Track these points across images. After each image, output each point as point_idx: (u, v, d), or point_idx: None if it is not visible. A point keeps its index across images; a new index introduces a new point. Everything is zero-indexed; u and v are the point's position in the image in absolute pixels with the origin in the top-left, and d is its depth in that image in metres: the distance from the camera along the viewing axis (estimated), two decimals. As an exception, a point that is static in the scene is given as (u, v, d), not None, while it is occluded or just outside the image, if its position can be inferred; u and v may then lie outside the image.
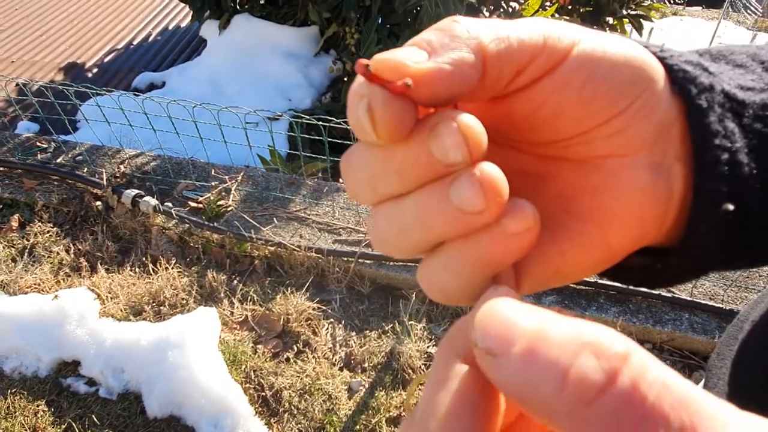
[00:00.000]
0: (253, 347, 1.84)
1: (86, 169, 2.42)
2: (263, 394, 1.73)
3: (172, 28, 4.88)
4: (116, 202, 2.25)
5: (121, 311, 1.92)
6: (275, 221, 2.19)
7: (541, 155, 0.26)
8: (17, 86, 3.73)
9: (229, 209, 2.24)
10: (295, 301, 1.93)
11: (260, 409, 1.70)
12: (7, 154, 2.50)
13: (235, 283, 2.04)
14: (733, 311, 1.89)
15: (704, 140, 0.24)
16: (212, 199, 2.23)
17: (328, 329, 1.91)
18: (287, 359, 1.82)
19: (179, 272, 2.04)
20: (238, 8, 4.08)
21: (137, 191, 2.24)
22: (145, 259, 2.12)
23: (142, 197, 2.21)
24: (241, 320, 1.93)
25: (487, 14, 3.45)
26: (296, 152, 2.61)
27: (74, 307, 1.82)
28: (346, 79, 3.78)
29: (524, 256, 0.22)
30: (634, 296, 1.94)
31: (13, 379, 1.75)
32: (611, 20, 4.19)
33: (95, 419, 1.65)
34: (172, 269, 2.02)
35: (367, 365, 1.81)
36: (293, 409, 1.69)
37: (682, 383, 0.14)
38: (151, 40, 4.72)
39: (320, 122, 1.93)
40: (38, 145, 2.58)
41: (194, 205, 2.26)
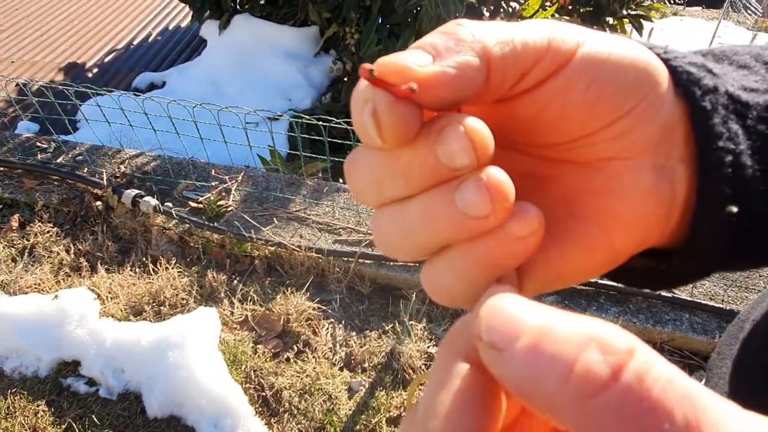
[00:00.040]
0: (253, 347, 1.84)
1: (86, 169, 2.42)
2: (263, 394, 1.73)
3: (172, 28, 4.88)
4: (116, 202, 2.25)
5: (121, 311, 1.92)
6: (275, 221, 2.19)
7: (544, 157, 0.26)
8: (17, 86, 3.72)
9: (229, 209, 2.24)
10: (295, 301, 1.93)
11: (260, 409, 1.70)
12: (7, 154, 2.50)
13: (235, 283, 2.04)
14: (733, 311, 1.89)
15: (708, 142, 0.24)
16: (212, 199, 2.23)
17: (328, 329, 1.91)
18: (287, 359, 1.82)
19: (179, 272, 2.04)
20: (238, 8, 4.08)
21: (137, 191, 2.23)
22: (145, 259, 2.11)
23: (142, 197, 2.21)
24: (241, 320, 1.92)
25: (487, 14, 3.45)
26: (296, 152, 2.61)
27: (74, 307, 1.82)
28: (346, 79, 3.78)
29: (528, 259, 0.22)
30: (634, 296, 1.94)
31: (13, 379, 1.75)
32: (611, 20, 4.19)
33: (95, 419, 1.65)
34: (172, 269, 2.02)
35: (367, 365, 1.81)
36: (293, 409, 1.69)
37: (686, 380, 0.15)
38: (151, 40, 4.71)
39: (320, 122, 1.93)
40: (38, 145, 2.58)
41: (194, 205, 2.26)
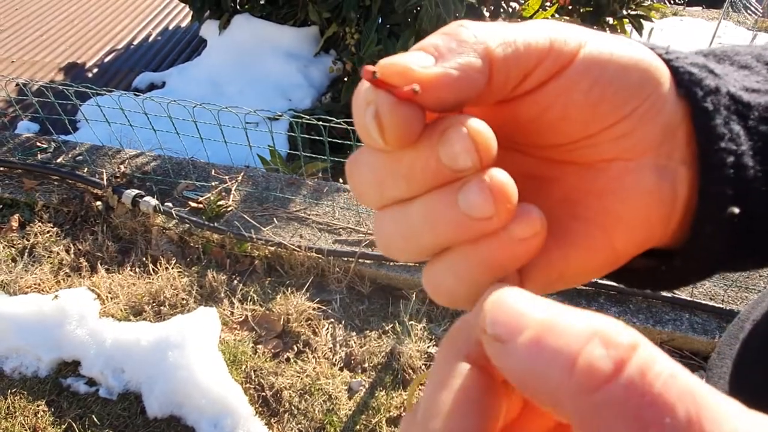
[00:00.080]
0: (253, 347, 1.84)
1: (86, 169, 2.42)
2: (263, 394, 1.73)
3: (172, 28, 4.88)
4: (116, 202, 2.25)
5: (121, 311, 1.92)
6: (275, 221, 2.19)
7: (546, 158, 0.26)
8: (17, 86, 3.72)
9: (229, 209, 2.24)
10: (295, 301, 1.93)
11: (260, 409, 1.70)
12: (7, 154, 2.50)
13: (235, 283, 2.04)
14: (733, 311, 1.89)
15: (710, 143, 0.24)
16: (212, 199, 2.23)
17: (328, 329, 1.91)
18: (287, 359, 1.81)
19: (179, 272, 2.04)
20: (238, 8, 4.08)
21: (137, 191, 2.23)
22: (145, 259, 2.11)
23: (142, 197, 2.21)
24: (241, 320, 1.92)
25: (487, 14, 3.45)
26: (296, 152, 2.61)
27: (74, 307, 1.82)
28: (346, 79, 3.78)
29: (530, 260, 0.22)
30: (634, 296, 1.94)
31: (13, 379, 1.74)
32: (611, 20, 4.19)
33: (95, 419, 1.65)
34: (172, 269, 2.02)
35: (367, 365, 1.81)
36: (293, 409, 1.69)
37: (688, 376, 0.15)
38: (151, 40, 4.71)
39: (320, 122, 1.93)
40: (38, 145, 2.58)
41: (194, 205, 2.26)
